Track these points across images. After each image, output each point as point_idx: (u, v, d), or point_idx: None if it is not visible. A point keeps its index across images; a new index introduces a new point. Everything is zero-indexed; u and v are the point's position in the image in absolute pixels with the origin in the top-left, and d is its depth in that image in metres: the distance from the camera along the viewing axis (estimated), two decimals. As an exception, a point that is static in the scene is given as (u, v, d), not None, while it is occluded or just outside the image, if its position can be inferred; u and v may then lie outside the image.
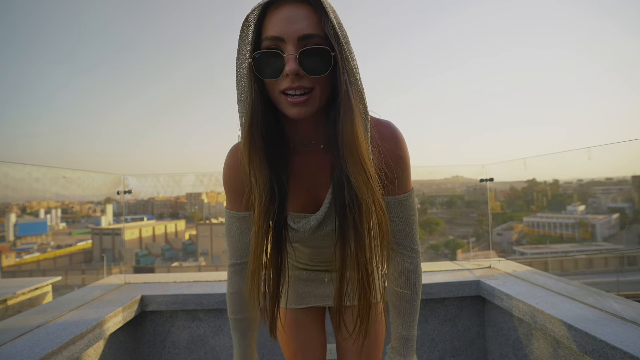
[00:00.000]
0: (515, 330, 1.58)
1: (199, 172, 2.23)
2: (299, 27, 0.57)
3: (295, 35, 0.57)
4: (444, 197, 42.39)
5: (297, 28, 0.57)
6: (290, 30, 0.57)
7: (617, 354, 1.04)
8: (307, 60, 0.58)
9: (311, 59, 0.58)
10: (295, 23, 0.57)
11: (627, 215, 20.67)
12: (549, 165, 2.00)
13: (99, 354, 1.44)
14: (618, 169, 2.08)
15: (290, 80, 0.59)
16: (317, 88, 0.61)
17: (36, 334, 1.26)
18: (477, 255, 2.27)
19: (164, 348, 1.74)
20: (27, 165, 1.43)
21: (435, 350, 1.80)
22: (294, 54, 0.57)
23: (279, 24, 0.58)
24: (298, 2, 0.59)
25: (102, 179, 1.96)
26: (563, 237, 26.74)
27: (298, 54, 0.57)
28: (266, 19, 0.60)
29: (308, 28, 0.58)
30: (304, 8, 0.59)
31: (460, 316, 1.82)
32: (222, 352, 1.75)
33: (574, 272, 23.48)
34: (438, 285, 1.77)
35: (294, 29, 0.57)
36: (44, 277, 2.64)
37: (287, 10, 0.58)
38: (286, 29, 0.57)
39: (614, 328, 1.17)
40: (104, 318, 1.42)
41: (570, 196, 20.92)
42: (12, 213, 24.79)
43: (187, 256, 38.57)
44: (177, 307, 1.71)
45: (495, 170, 2.13)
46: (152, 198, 44.47)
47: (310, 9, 0.59)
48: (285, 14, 0.58)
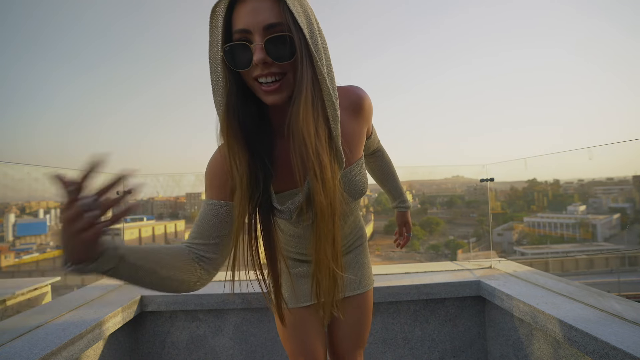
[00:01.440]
0: (515, 330, 1.57)
1: (198, 172, 2.23)
2: (262, 17, 0.60)
3: (260, 25, 0.60)
4: (444, 197, 42.40)
5: (261, 19, 0.60)
6: (255, 21, 0.60)
7: (618, 355, 1.04)
8: (273, 48, 0.60)
9: (276, 47, 0.60)
10: (259, 14, 0.60)
11: (628, 215, 20.64)
12: (549, 165, 1.99)
13: (98, 354, 1.43)
14: (619, 169, 2.07)
15: (260, 69, 0.62)
16: (289, 74, 0.63)
17: (35, 334, 1.26)
18: (477, 256, 2.27)
19: (163, 348, 1.74)
20: (27, 165, 1.43)
21: (436, 351, 1.79)
22: (260, 43, 0.60)
23: (245, 17, 0.61)
24: None
25: (101, 178, 1.96)
26: (564, 238, 26.73)
27: (264, 43, 0.60)
28: (234, 13, 0.63)
29: (271, 18, 0.60)
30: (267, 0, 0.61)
31: (460, 316, 1.81)
32: (222, 352, 1.75)
33: (574, 273, 23.47)
34: (438, 286, 1.77)
35: (258, 20, 0.60)
36: (43, 278, 2.64)
37: (251, 2, 0.61)
38: (252, 21, 0.60)
39: (615, 329, 1.16)
40: (103, 318, 1.42)
41: (571, 196, 20.90)
42: (11, 213, 24.80)
43: (187, 256, 38.58)
44: (177, 307, 1.71)
45: (495, 170, 2.13)
46: (152, 198, 44.52)
47: (273, 0, 0.61)
48: (250, 6, 0.61)
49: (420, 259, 32.37)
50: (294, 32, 0.60)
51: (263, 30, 0.60)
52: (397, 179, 1.16)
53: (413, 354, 1.79)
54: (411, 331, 1.80)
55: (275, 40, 0.60)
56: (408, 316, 1.80)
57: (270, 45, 0.60)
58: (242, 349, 1.75)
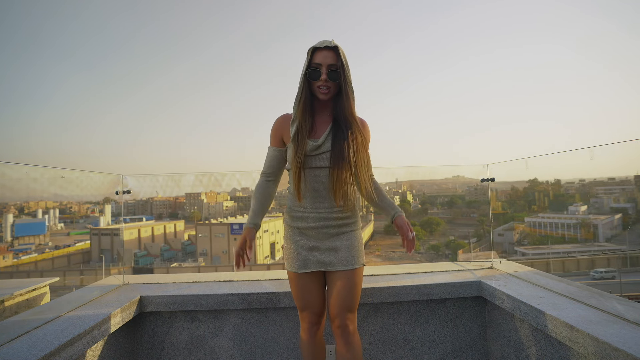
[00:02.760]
0: (516, 331, 1.56)
1: (198, 172, 2.23)
2: (327, 60, 1.31)
3: (326, 63, 1.32)
4: (444, 198, 42.14)
5: (327, 60, 1.31)
6: (324, 61, 1.31)
7: (620, 356, 1.03)
8: (330, 74, 1.32)
9: (332, 74, 1.32)
10: (327, 58, 1.31)
11: (629, 216, 20.60)
12: (550, 165, 1.99)
13: (97, 355, 1.43)
14: (620, 169, 2.07)
15: (322, 83, 1.32)
16: (332, 87, 1.35)
17: (34, 335, 1.26)
18: (478, 256, 2.26)
19: (163, 349, 1.73)
20: (25, 165, 1.42)
21: (436, 352, 1.79)
22: (325, 72, 1.31)
23: (319, 58, 1.32)
24: (329, 49, 1.32)
25: (100, 179, 1.96)
26: (565, 238, 26.67)
27: (327, 73, 1.31)
28: (315, 54, 1.33)
29: (332, 60, 1.32)
30: (330, 51, 1.32)
31: (461, 317, 1.81)
32: (221, 353, 1.74)
33: (576, 273, 23.42)
34: (439, 286, 1.76)
35: (325, 61, 1.31)
36: (42, 278, 2.63)
37: (324, 52, 1.32)
38: (322, 60, 1.31)
39: (617, 329, 1.16)
40: (102, 319, 1.41)
41: (572, 196, 20.86)
42: (9, 213, 24.74)
43: (186, 257, 38.54)
44: (176, 307, 1.70)
45: (496, 170, 2.12)
46: (151, 198, 44.47)
47: (334, 52, 1.32)
48: (323, 53, 1.32)
49: (421, 259, 32.36)
50: (340, 68, 1.32)
51: (327, 66, 1.31)
52: (386, 195, 1.48)
53: (413, 355, 1.78)
54: (412, 332, 1.79)
55: (332, 72, 1.31)
56: (408, 317, 1.79)
57: (330, 73, 1.31)
58: (241, 350, 1.74)
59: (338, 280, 1.34)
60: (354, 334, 1.35)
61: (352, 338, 1.33)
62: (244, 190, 29.12)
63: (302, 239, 1.38)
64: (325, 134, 1.35)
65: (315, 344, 1.41)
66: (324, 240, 1.37)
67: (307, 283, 1.37)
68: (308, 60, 1.32)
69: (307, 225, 1.38)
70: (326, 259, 1.35)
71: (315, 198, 1.36)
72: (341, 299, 1.33)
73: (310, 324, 1.39)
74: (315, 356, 1.42)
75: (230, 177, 2.41)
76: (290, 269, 1.39)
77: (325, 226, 1.36)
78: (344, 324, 1.33)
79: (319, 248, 1.37)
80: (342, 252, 1.35)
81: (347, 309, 1.33)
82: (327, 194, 1.34)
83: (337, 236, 1.37)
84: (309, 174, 1.34)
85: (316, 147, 1.33)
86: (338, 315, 1.33)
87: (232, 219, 38.05)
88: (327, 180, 1.33)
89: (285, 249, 1.43)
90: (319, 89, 1.32)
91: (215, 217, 47.00)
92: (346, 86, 1.32)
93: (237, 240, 1.40)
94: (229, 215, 46.82)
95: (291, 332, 1.76)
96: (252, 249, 1.37)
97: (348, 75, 1.32)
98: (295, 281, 1.38)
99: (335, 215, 1.36)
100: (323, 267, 1.36)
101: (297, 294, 1.40)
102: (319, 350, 1.43)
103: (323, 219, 1.36)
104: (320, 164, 1.33)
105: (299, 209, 1.39)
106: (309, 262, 1.36)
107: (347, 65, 1.32)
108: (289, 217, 1.43)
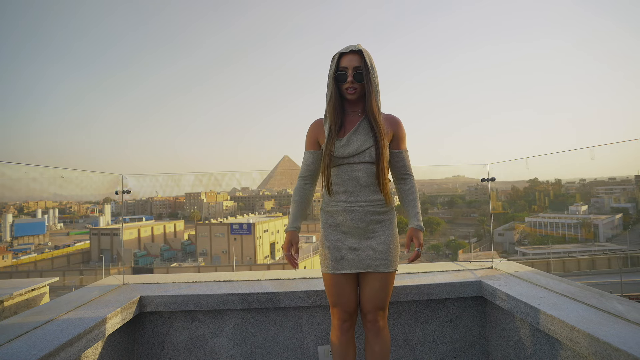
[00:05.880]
0: (517, 331, 1.56)
1: (198, 172, 2.23)
2: (353, 63, 1.38)
3: (351, 66, 1.38)
4: (445, 197, 42.22)
5: (352, 64, 1.38)
6: (350, 64, 1.38)
7: (620, 356, 1.03)
8: (356, 76, 1.39)
9: (357, 76, 1.39)
10: (352, 61, 1.38)
11: (630, 216, 20.57)
12: (551, 165, 1.98)
13: (97, 355, 1.43)
14: (621, 169, 2.06)
15: (349, 84, 1.39)
16: (359, 88, 1.41)
17: (33, 335, 1.25)
18: (478, 256, 2.26)
19: (162, 349, 1.73)
20: (25, 165, 1.42)
21: (436, 352, 1.78)
22: (351, 74, 1.38)
23: (345, 62, 1.39)
24: (354, 53, 1.39)
25: (100, 178, 1.96)
26: (565, 238, 26.67)
27: (353, 74, 1.38)
28: (342, 58, 1.40)
29: (357, 63, 1.38)
30: (356, 55, 1.39)
31: (461, 317, 1.80)
32: (221, 353, 1.74)
33: (576, 273, 23.41)
34: (439, 286, 1.76)
35: (351, 64, 1.38)
36: (42, 278, 2.63)
37: (350, 55, 1.39)
38: (348, 64, 1.38)
39: (618, 330, 1.15)
40: (102, 319, 1.41)
41: (573, 196, 20.85)
42: (8, 213, 24.72)
43: (186, 256, 38.53)
44: (176, 307, 1.70)
45: (497, 169, 2.12)
46: (151, 198, 44.36)
47: (359, 55, 1.39)
48: (349, 57, 1.39)
49: (421, 259, 32.25)
50: (363, 70, 1.38)
51: (353, 68, 1.38)
52: (418, 204, 1.49)
53: (414, 355, 1.78)
54: (412, 332, 1.79)
55: (357, 73, 1.38)
56: (409, 317, 1.79)
57: (355, 75, 1.38)
58: (241, 350, 1.74)
59: (372, 281, 1.39)
60: (384, 328, 1.42)
61: (382, 332, 1.41)
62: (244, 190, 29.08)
63: (338, 238, 1.42)
64: (352, 131, 1.41)
65: (346, 342, 1.43)
66: (360, 239, 1.41)
67: (341, 282, 1.41)
68: (335, 64, 1.39)
69: (342, 220, 1.41)
70: (361, 258, 1.39)
71: (350, 192, 1.41)
72: (374, 299, 1.40)
73: (340, 321, 1.43)
74: (345, 356, 1.43)
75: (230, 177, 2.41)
76: (325, 271, 1.42)
77: (361, 220, 1.40)
78: (374, 319, 1.41)
79: (355, 247, 1.40)
80: (377, 251, 1.39)
81: (379, 308, 1.41)
82: (360, 189, 1.40)
83: (373, 234, 1.40)
84: (341, 170, 1.41)
85: (344, 144, 1.40)
86: (370, 312, 1.41)
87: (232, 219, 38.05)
88: (358, 174, 1.39)
89: (321, 253, 1.46)
90: (346, 91, 1.39)
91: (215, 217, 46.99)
92: (369, 86, 1.37)
93: (283, 244, 1.46)
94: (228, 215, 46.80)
95: (291, 332, 1.76)
96: (298, 252, 1.44)
97: (372, 76, 1.37)
98: (330, 280, 1.42)
99: (371, 209, 1.40)
100: (357, 268, 1.39)
101: (330, 291, 1.44)
102: (349, 351, 1.44)
103: (358, 212, 1.40)
104: (349, 161, 1.40)
105: (335, 204, 1.43)
106: (345, 261, 1.40)
107: (372, 66, 1.38)
108: (324, 214, 1.46)
